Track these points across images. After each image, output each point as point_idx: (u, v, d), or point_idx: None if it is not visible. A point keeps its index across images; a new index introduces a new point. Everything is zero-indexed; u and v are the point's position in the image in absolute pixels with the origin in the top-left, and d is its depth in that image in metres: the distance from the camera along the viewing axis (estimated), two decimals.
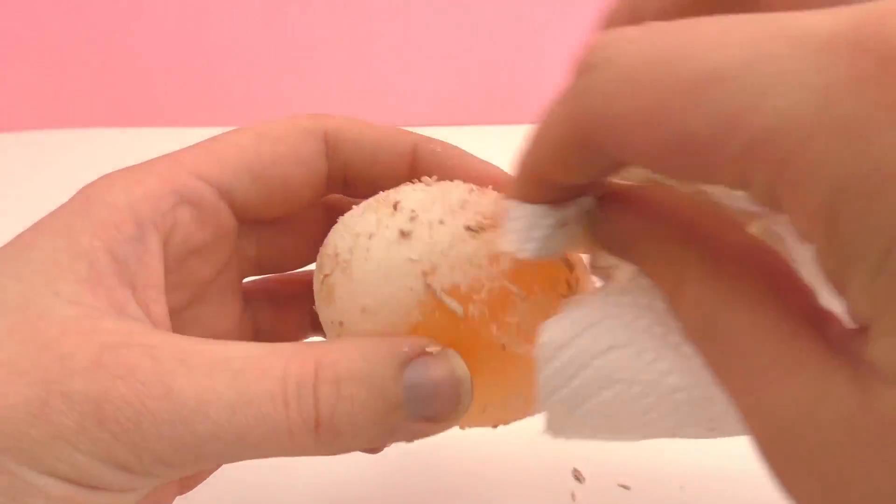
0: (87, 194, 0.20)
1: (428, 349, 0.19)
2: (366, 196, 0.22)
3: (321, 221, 0.25)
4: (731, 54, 0.12)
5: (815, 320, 0.14)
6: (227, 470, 0.24)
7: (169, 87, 0.70)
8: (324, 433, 0.18)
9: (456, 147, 0.25)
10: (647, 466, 0.32)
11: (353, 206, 0.22)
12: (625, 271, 0.20)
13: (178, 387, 0.16)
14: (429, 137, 0.24)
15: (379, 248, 0.20)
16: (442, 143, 0.24)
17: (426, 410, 0.19)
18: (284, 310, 0.26)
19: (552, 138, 0.16)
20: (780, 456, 0.13)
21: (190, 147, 0.22)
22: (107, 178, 0.20)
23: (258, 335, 0.26)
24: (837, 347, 0.13)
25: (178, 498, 0.23)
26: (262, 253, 0.25)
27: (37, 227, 0.19)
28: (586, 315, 0.18)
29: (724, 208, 0.19)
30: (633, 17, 0.17)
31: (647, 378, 0.18)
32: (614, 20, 0.18)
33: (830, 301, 0.15)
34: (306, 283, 0.25)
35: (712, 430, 0.18)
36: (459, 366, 0.19)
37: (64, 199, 0.20)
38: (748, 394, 0.14)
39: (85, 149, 0.64)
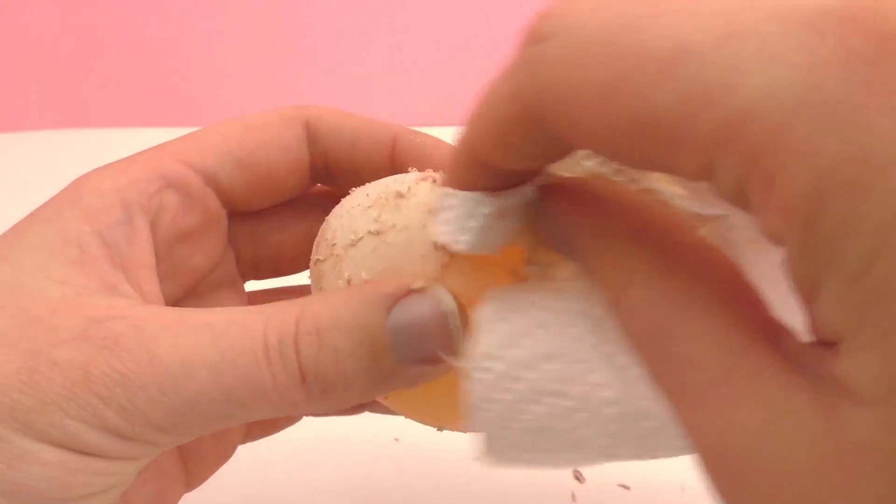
0: (77, 185, 0.20)
1: (413, 287, 0.18)
2: (348, 187, 0.22)
3: (318, 220, 0.26)
4: (704, 27, 0.11)
5: (771, 333, 0.13)
6: (233, 468, 0.25)
7: (169, 87, 0.70)
8: (312, 387, 0.17)
9: (436, 138, 0.24)
10: (648, 466, 0.32)
11: (355, 190, 0.22)
12: (563, 270, 0.18)
13: (161, 352, 0.17)
14: (410, 129, 0.24)
15: (366, 253, 0.20)
16: (423, 134, 0.24)
17: (417, 351, 0.18)
18: None
19: (494, 116, 0.15)
20: (728, 482, 0.12)
21: (176, 139, 0.22)
22: (97, 170, 0.21)
23: None
24: (795, 363, 0.12)
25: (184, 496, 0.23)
26: (258, 253, 0.25)
27: (29, 217, 0.19)
28: (518, 324, 0.17)
29: (674, 210, 0.17)
30: None
31: (580, 390, 0.16)
32: None
33: (785, 314, 0.14)
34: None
35: (644, 449, 0.17)
36: (447, 300, 0.18)
37: None
38: (696, 410, 0.13)
39: (85, 149, 0.64)
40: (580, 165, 0.18)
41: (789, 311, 0.13)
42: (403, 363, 0.18)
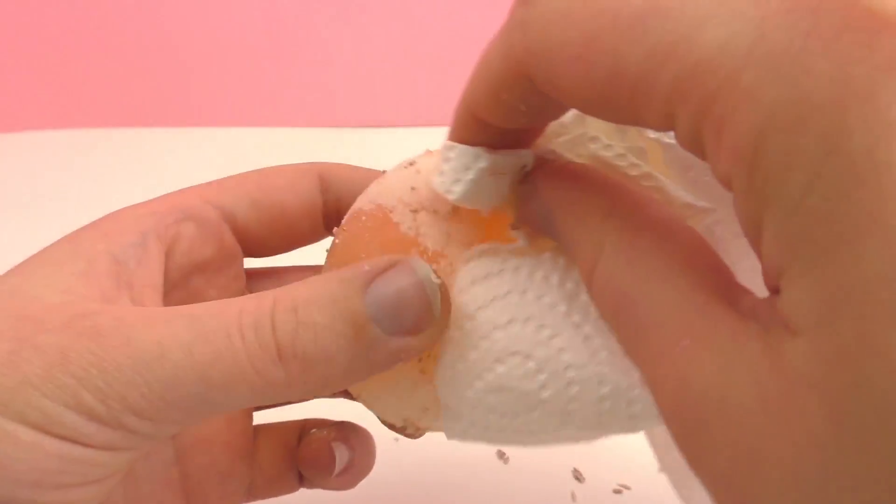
0: (104, 216, 0.21)
1: (389, 261, 0.18)
2: None
3: None
4: None
5: (730, 295, 0.14)
6: None
7: (170, 87, 0.70)
8: (289, 362, 0.17)
9: None
10: (647, 466, 0.32)
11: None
12: (547, 241, 0.19)
13: (137, 336, 0.17)
14: None
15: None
16: None
17: (398, 323, 0.18)
18: None
19: (489, 73, 0.16)
20: (688, 431, 0.13)
21: (201, 183, 0.24)
22: (127, 206, 0.22)
23: None
24: (751, 315, 0.13)
25: None
26: None
27: (59, 240, 0.20)
28: (494, 286, 0.19)
29: (668, 197, 0.18)
30: None
31: (543, 353, 0.18)
32: None
33: (748, 280, 0.14)
34: None
35: (600, 417, 0.18)
36: (422, 268, 0.18)
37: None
38: (657, 367, 0.13)
39: (85, 149, 0.64)
40: (585, 148, 0.19)
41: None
42: (386, 337, 0.18)
